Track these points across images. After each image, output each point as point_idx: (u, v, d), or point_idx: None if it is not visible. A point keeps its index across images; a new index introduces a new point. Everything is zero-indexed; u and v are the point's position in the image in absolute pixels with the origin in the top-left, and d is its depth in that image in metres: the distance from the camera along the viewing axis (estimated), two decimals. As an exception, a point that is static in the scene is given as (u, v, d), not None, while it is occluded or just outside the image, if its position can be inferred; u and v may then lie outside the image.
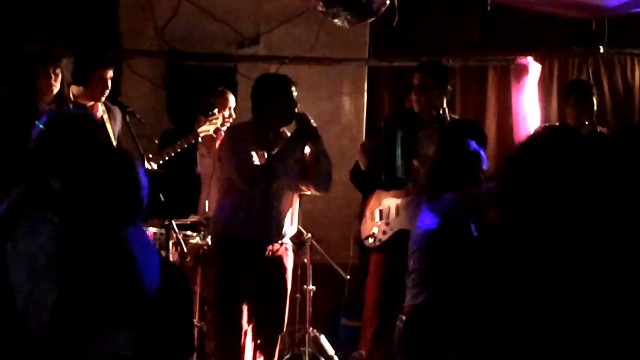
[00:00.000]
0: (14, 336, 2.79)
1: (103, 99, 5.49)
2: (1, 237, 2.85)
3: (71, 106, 5.24)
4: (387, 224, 4.92)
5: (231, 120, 5.88)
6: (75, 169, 2.92)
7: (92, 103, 5.49)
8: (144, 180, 2.95)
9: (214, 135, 5.82)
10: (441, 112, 4.96)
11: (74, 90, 5.43)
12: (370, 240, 4.98)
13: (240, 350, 4.83)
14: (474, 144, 4.09)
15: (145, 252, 2.95)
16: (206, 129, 5.72)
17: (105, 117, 5.49)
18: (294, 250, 5.19)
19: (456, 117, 5.36)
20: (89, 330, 2.79)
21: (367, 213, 5.10)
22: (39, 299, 2.78)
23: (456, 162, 4.05)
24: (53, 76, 5.13)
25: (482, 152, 4.12)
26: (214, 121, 5.75)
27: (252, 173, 4.75)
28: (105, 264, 2.83)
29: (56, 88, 5.15)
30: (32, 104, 5.13)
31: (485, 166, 4.10)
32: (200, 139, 5.79)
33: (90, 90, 5.43)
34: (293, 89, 4.89)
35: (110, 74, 5.46)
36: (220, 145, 5.20)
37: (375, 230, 4.96)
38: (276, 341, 5.06)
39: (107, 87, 5.44)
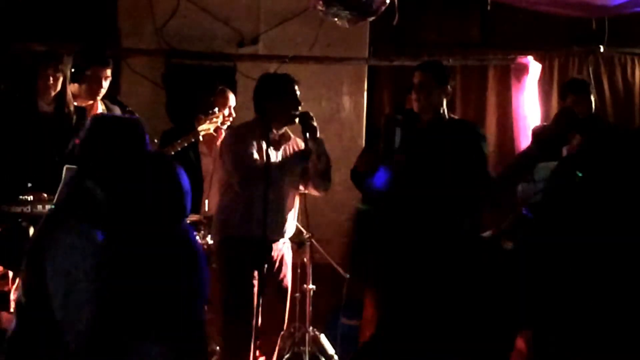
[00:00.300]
0: (53, 348, 2.77)
1: (98, 98, 5.46)
2: (41, 249, 2.84)
3: (71, 107, 5.22)
4: None
5: (231, 119, 5.88)
6: (118, 177, 2.88)
7: (91, 102, 5.48)
8: (187, 186, 2.93)
9: (215, 134, 5.82)
10: (441, 112, 4.95)
11: (72, 88, 5.42)
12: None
13: (249, 350, 4.83)
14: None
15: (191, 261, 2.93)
16: (206, 128, 5.72)
17: None
18: (294, 249, 5.19)
19: (455, 117, 5.35)
20: (127, 344, 2.78)
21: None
22: (75, 312, 2.76)
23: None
24: (53, 77, 5.12)
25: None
26: (214, 120, 5.74)
27: (251, 172, 4.76)
28: (148, 274, 2.81)
29: (56, 89, 5.14)
30: (31, 104, 5.12)
31: None
32: (200, 138, 5.79)
33: (85, 88, 5.41)
34: (296, 87, 4.90)
35: (106, 73, 5.43)
36: (221, 143, 5.21)
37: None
38: (277, 339, 5.07)
39: (101, 86, 5.41)
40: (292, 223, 5.01)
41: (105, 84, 5.44)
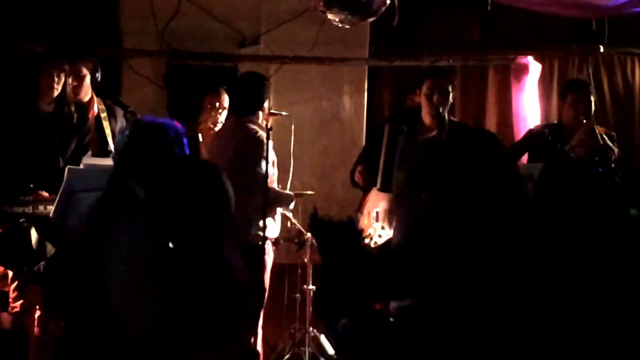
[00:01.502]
0: (107, 337, 2.85)
1: (80, 94, 5.39)
2: (97, 232, 2.93)
3: (72, 106, 5.24)
4: (383, 227, 4.92)
5: (222, 119, 5.88)
6: (157, 177, 3.00)
7: (87, 100, 5.47)
8: (229, 191, 3.03)
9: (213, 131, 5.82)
10: (445, 113, 5.01)
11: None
12: (367, 240, 4.99)
13: None
14: None
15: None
16: (204, 123, 5.72)
17: (103, 115, 5.47)
18: (294, 250, 5.22)
19: (455, 119, 5.38)
20: (190, 335, 2.84)
21: (365, 211, 5.12)
22: (141, 297, 2.84)
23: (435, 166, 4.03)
24: (56, 78, 5.12)
25: None
26: (212, 113, 5.74)
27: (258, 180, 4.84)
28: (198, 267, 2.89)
29: (58, 89, 5.15)
30: (31, 104, 5.14)
31: None
32: (200, 137, 5.80)
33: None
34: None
35: (78, 70, 5.31)
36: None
37: (371, 231, 4.98)
38: None
39: (72, 84, 5.29)
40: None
41: (81, 81, 5.34)
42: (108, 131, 5.41)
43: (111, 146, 5.35)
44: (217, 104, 5.85)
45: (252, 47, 7.19)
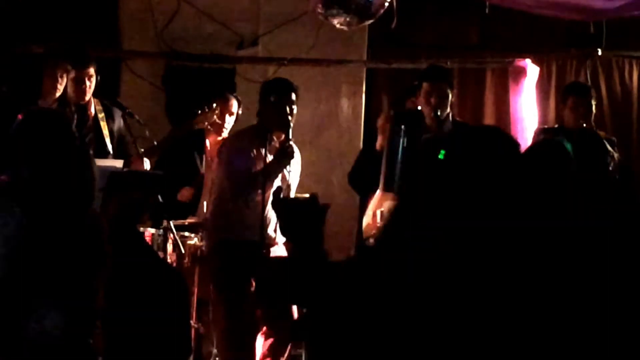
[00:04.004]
0: None
1: (88, 95, 5.37)
2: None
3: (73, 107, 5.25)
4: None
5: (228, 126, 5.87)
6: (41, 159, 3.24)
7: (85, 101, 5.47)
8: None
9: (210, 129, 5.82)
10: (444, 115, 5.02)
11: None
12: (372, 240, 5.00)
13: (251, 350, 4.88)
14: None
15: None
16: (201, 122, 5.71)
17: (101, 115, 5.46)
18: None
19: (459, 119, 5.38)
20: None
21: (369, 212, 5.12)
22: None
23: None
24: (60, 79, 5.13)
25: None
26: (209, 115, 5.74)
27: (242, 185, 4.82)
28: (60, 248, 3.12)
29: (60, 90, 5.15)
30: (33, 105, 5.13)
31: None
32: (208, 144, 5.82)
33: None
34: (291, 94, 4.96)
35: (89, 71, 5.28)
36: (220, 149, 5.25)
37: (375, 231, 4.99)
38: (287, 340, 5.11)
39: (83, 86, 5.32)
40: None
41: (91, 84, 5.33)
42: (106, 132, 5.43)
43: (109, 147, 5.38)
44: (224, 109, 5.81)
45: (250, 49, 7.20)
